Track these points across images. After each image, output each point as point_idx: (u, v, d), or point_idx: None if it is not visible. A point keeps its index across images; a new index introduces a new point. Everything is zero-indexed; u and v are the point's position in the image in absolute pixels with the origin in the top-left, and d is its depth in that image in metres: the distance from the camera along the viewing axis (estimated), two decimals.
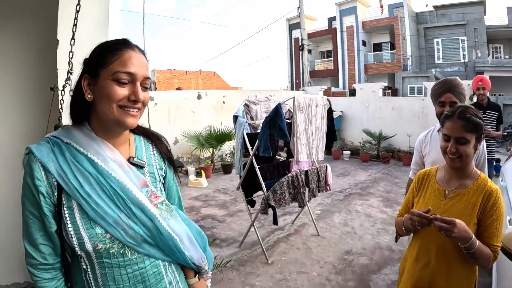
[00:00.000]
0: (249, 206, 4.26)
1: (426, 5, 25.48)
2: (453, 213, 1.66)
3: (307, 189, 4.01)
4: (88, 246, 1.06)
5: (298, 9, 14.67)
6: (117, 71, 1.06)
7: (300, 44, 14.46)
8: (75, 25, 1.84)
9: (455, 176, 1.78)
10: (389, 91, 21.23)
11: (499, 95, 19.49)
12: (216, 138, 8.42)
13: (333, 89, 22.85)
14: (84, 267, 1.11)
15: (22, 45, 2.42)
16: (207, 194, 6.79)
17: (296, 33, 27.23)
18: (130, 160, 1.19)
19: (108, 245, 1.09)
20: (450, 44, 23.74)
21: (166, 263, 1.24)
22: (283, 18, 29.00)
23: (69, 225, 1.06)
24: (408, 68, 24.37)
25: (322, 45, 29.11)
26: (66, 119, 2.08)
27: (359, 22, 26.11)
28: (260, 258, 4.01)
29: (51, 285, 1.11)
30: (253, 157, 3.84)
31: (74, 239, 1.06)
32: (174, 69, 29.92)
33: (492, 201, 1.63)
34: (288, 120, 3.81)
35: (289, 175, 3.78)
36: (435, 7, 24.71)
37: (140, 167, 1.21)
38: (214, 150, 8.63)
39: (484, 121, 4.48)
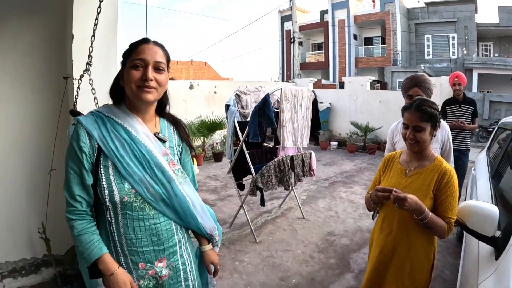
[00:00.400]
0: (239, 189, 4.55)
1: (418, 1, 25.64)
2: (412, 188, 1.90)
3: (292, 173, 4.30)
4: (117, 197, 1.35)
5: (290, 1, 14.86)
6: (132, 59, 1.38)
7: (291, 36, 14.66)
8: (96, 24, 2.10)
9: (415, 158, 2.01)
10: (379, 84, 21.55)
11: (487, 92, 19.80)
12: (207, 127, 8.63)
13: (323, 82, 23.07)
14: (109, 219, 1.40)
15: (35, 38, 2.65)
16: (199, 181, 7.02)
17: (288, 25, 27.29)
18: (155, 135, 1.50)
19: (132, 199, 1.38)
20: (440, 41, 24.00)
21: (178, 225, 1.54)
22: (276, 10, 29.05)
23: (103, 180, 1.35)
24: (398, 63, 24.65)
25: (314, 38, 29.26)
26: (81, 105, 2.33)
27: (351, 16, 26.28)
28: (249, 237, 4.31)
29: (83, 224, 1.38)
30: (243, 143, 4.12)
31: (106, 191, 1.35)
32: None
33: (446, 179, 1.85)
34: (276, 110, 4.09)
35: (276, 159, 4.06)
36: (426, 3, 24.91)
37: (162, 141, 1.52)
38: (205, 138, 8.83)
39: (460, 114, 4.78)
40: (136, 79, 1.37)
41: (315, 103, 4.46)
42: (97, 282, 1.62)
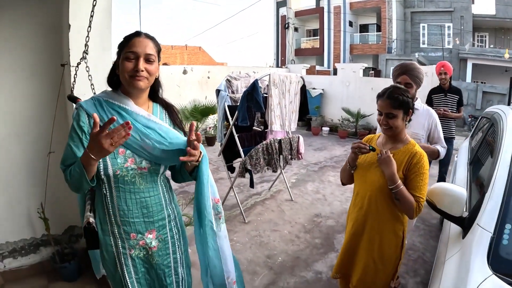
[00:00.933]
0: (229, 172, 4.69)
1: None
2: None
3: (281, 156, 4.44)
4: (110, 171, 1.52)
5: None
6: (126, 52, 1.53)
7: (286, 22, 14.65)
8: (91, 16, 2.25)
9: (390, 140, 2.11)
10: (373, 72, 21.61)
11: (481, 82, 19.86)
12: (201, 112, 8.70)
13: (318, 68, 22.96)
14: (104, 192, 1.58)
15: (34, 27, 2.76)
16: None
17: (283, 11, 27.14)
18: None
19: (124, 173, 1.55)
20: (436, 30, 23.94)
21: (168, 201, 1.74)
22: None
23: None
24: (393, 51, 24.65)
25: (309, 24, 29.08)
26: (77, 90, 2.48)
27: (347, 2, 26.12)
28: (238, 218, 4.48)
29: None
30: (233, 127, 4.25)
31: (101, 165, 1.51)
32: (160, 44, 29.47)
33: (415, 160, 1.94)
34: (265, 95, 4.21)
35: (264, 142, 4.21)
36: None
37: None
38: (198, 123, 8.90)
39: (445, 103, 4.89)
40: (129, 69, 1.52)
41: (303, 89, 4.59)
42: (99, 266, 1.94)
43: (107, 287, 2.79)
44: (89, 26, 2.29)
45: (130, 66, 1.52)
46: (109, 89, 1.67)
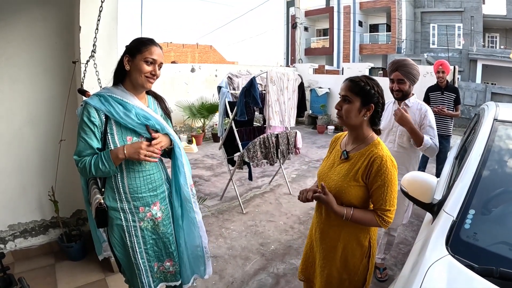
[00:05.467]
0: (229, 165, 4.91)
1: None
2: (339, 173, 1.81)
3: (278, 150, 4.64)
4: None
5: None
6: (147, 57, 1.81)
7: (293, 22, 14.81)
8: (98, 20, 2.55)
9: (352, 139, 1.86)
10: (381, 72, 21.58)
11: (492, 83, 19.65)
12: (208, 109, 8.94)
13: (327, 67, 22.85)
14: (116, 174, 1.87)
15: (48, 28, 3.08)
16: (197, 159, 7.43)
17: (293, 10, 27.31)
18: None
19: None
20: (446, 30, 23.83)
21: (165, 177, 2.10)
22: None
23: (111, 143, 1.82)
24: (402, 51, 24.57)
25: (319, 23, 29.17)
26: (86, 85, 2.77)
27: (357, 2, 26.11)
28: (236, 209, 4.71)
29: (92, 156, 1.80)
30: (233, 122, 4.47)
31: None
32: (171, 42, 29.74)
33: (376, 167, 1.68)
34: (264, 92, 4.42)
35: (261, 136, 4.41)
36: None
37: None
38: (205, 120, 9.17)
39: (442, 101, 4.99)
40: (147, 71, 1.82)
41: (301, 86, 4.79)
42: (101, 247, 2.34)
43: (109, 266, 3.05)
44: (97, 29, 2.58)
45: (148, 69, 1.81)
46: (110, 85, 1.94)
